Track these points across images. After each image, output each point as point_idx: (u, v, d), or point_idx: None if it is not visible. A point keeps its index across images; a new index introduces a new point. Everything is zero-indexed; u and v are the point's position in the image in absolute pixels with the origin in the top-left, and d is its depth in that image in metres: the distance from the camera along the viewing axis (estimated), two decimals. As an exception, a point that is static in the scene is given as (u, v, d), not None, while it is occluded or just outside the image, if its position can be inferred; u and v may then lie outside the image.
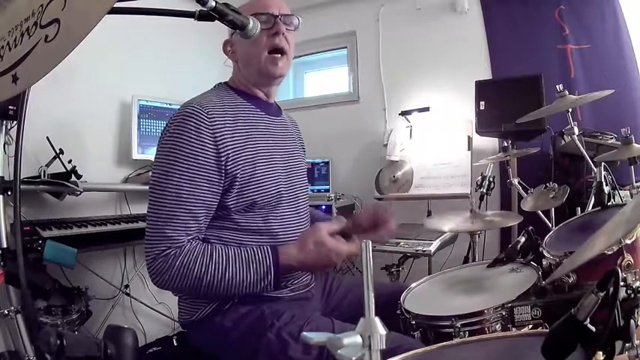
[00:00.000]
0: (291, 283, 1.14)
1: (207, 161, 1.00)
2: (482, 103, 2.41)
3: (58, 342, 0.77)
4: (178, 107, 1.07)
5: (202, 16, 0.66)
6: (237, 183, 1.04)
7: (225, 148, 1.02)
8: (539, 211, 1.78)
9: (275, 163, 1.13)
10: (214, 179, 1.01)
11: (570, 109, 1.66)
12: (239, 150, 1.05)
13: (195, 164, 0.99)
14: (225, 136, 1.03)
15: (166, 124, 1.06)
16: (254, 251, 1.03)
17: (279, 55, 1.10)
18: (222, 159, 1.02)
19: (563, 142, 2.25)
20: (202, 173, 1.00)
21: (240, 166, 1.04)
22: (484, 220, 1.60)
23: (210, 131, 1.01)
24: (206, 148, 1.00)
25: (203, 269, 0.97)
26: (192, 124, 1.00)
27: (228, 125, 1.04)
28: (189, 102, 1.06)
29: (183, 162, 0.98)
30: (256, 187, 1.07)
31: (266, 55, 1.09)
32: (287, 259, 1.04)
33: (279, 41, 1.09)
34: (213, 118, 1.02)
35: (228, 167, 1.03)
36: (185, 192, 0.98)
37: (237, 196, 1.05)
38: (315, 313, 1.13)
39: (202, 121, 1.00)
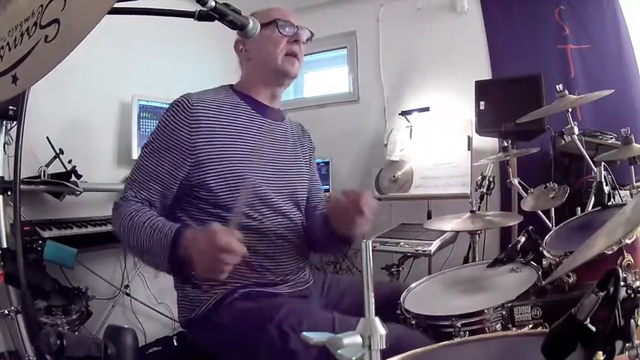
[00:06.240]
0: (290, 279, 1.16)
1: (176, 145, 1.07)
2: (482, 103, 2.41)
3: (58, 342, 0.77)
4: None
5: (202, 16, 0.66)
6: (202, 160, 1.08)
7: (198, 130, 1.08)
8: (539, 211, 1.78)
9: (252, 160, 1.13)
10: (178, 162, 1.07)
11: (570, 109, 1.66)
12: (213, 133, 1.10)
13: (164, 145, 1.07)
14: (202, 120, 1.09)
15: None
16: (165, 224, 1.01)
17: (294, 58, 1.22)
18: (193, 139, 1.07)
19: (563, 142, 2.24)
20: (168, 155, 1.07)
21: (209, 146, 1.08)
22: (484, 219, 1.60)
23: (189, 116, 1.07)
24: (179, 133, 1.07)
25: (122, 221, 1.04)
26: (172, 110, 1.09)
27: (210, 112, 1.11)
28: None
29: (155, 141, 1.09)
30: (214, 168, 1.09)
31: (283, 56, 1.20)
32: (185, 242, 0.96)
33: (296, 48, 1.22)
34: (195, 105, 1.09)
35: (199, 145, 1.07)
36: (148, 165, 1.08)
37: (202, 172, 1.08)
38: (314, 306, 1.13)
39: (184, 107, 1.08)
